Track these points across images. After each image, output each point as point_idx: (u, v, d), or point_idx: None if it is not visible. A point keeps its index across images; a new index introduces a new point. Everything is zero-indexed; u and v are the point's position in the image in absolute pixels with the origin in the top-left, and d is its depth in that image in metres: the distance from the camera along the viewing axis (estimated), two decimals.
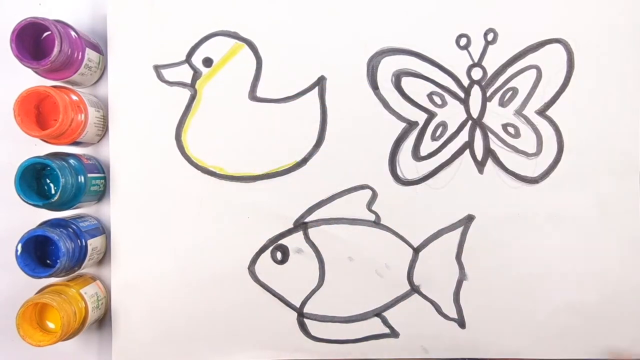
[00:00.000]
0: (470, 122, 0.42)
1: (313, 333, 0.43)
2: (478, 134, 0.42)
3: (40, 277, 0.37)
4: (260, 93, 0.42)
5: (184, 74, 0.42)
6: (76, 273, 0.41)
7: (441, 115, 0.42)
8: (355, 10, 0.42)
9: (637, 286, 0.42)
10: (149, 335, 0.42)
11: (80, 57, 0.39)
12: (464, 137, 0.42)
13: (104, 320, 0.43)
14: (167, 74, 0.42)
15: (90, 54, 0.40)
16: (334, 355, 0.43)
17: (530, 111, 0.42)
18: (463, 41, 0.42)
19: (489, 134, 0.42)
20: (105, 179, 0.42)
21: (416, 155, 0.42)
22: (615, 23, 0.42)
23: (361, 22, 0.42)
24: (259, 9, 0.42)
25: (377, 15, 0.42)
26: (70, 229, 0.39)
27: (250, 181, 0.42)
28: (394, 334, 0.43)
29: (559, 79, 0.42)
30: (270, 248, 0.42)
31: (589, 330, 0.43)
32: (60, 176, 0.37)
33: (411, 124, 0.42)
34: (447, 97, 0.42)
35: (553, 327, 0.43)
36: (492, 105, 0.43)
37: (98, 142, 0.43)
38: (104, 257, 0.43)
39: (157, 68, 0.42)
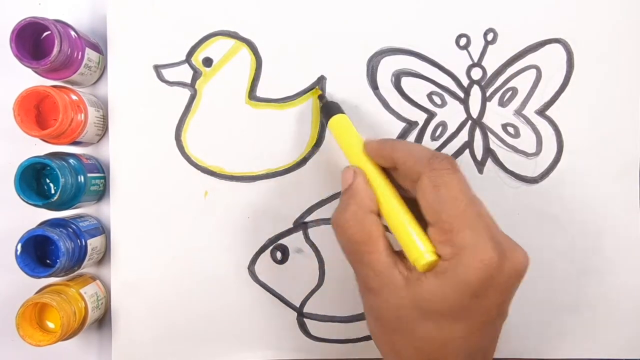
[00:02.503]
0: (470, 122, 0.42)
1: (313, 333, 0.43)
2: (478, 133, 0.42)
3: (39, 277, 0.37)
4: (260, 93, 0.42)
5: (184, 74, 0.42)
6: (76, 273, 0.41)
7: (441, 115, 0.42)
8: (355, 10, 0.42)
9: (637, 286, 0.43)
10: (149, 335, 0.42)
11: (80, 57, 0.39)
12: (463, 137, 0.42)
13: (104, 320, 0.43)
14: (167, 74, 0.42)
15: (90, 53, 0.40)
16: (334, 355, 0.43)
17: (530, 111, 0.42)
18: (463, 41, 0.42)
19: (489, 134, 0.42)
20: (105, 179, 0.42)
21: None
22: (615, 23, 0.42)
23: (361, 22, 0.42)
24: (259, 9, 0.42)
25: (377, 15, 0.42)
26: (70, 229, 0.39)
27: (250, 181, 0.42)
28: None
29: (559, 79, 0.42)
30: (270, 248, 0.42)
31: (589, 330, 0.43)
32: (60, 176, 0.37)
33: (411, 124, 0.42)
34: (447, 97, 0.42)
35: (553, 327, 0.43)
36: (492, 105, 0.43)
37: (98, 142, 0.43)
38: (104, 256, 0.43)
39: (157, 68, 0.42)
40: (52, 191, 0.39)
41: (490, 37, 0.42)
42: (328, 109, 0.39)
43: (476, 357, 0.29)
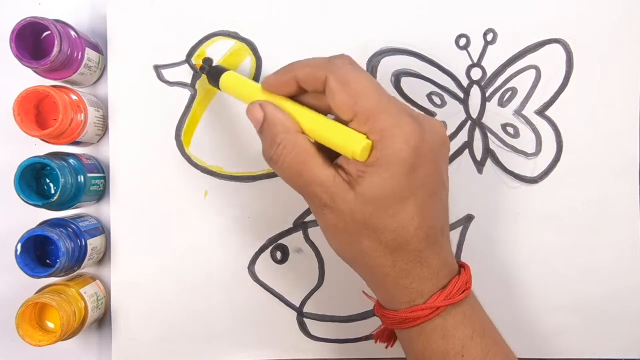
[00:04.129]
0: (469, 122, 0.43)
1: (313, 332, 0.43)
2: (477, 133, 0.43)
3: (39, 277, 0.37)
4: None
5: (184, 74, 0.42)
6: (76, 273, 0.41)
7: (440, 115, 0.42)
8: (355, 10, 0.42)
9: (637, 286, 0.43)
10: (149, 335, 0.42)
11: (79, 56, 0.39)
12: (463, 137, 0.42)
13: (103, 320, 0.43)
14: (167, 74, 0.42)
15: (90, 53, 0.40)
16: (334, 355, 0.43)
17: (529, 111, 0.43)
18: (462, 41, 0.42)
19: (488, 134, 0.43)
20: (105, 179, 0.42)
21: None
22: (614, 23, 0.42)
23: (361, 22, 0.42)
24: (259, 9, 0.42)
25: (377, 15, 0.42)
26: (69, 229, 0.39)
27: (250, 181, 0.42)
28: None
29: (558, 79, 0.42)
30: (270, 248, 0.42)
31: (589, 330, 0.43)
32: (60, 176, 0.37)
33: None
34: (447, 97, 0.42)
35: (553, 327, 0.43)
36: (492, 105, 0.43)
37: (98, 141, 0.43)
38: (104, 256, 0.43)
39: (157, 68, 0.42)
40: (52, 191, 0.39)
41: (489, 37, 0.42)
42: (214, 73, 0.38)
43: (434, 230, 0.30)
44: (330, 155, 0.31)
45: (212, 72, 0.38)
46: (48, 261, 0.39)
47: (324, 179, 0.30)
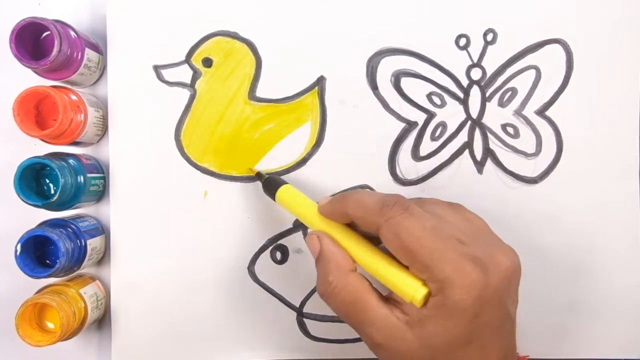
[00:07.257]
0: (469, 122, 0.42)
1: (312, 332, 0.43)
2: (477, 134, 0.43)
3: (39, 277, 0.37)
4: (260, 93, 0.42)
5: (184, 74, 0.42)
6: (75, 273, 0.41)
7: (440, 115, 0.42)
8: (354, 11, 0.42)
9: (636, 286, 0.43)
10: (149, 335, 0.42)
11: (79, 57, 0.39)
12: (463, 137, 0.42)
13: (103, 320, 0.43)
14: (167, 74, 0.42)
15: (89, 53, 0.40)
16: (334, 355, 0.43)
17: (529, 111, 0.43)
18: (462, 41, 0.42)
19: (488, 134, 0.43)
20: (105, 179, 0.42)
21: (416, 155, 0.42)
22: (614, 23, 0.42)
23: (361, 22, 0.42)
24: (259, 9, 0.42)
25: (377, 15, 0.42)
26: (69, 229, 0.39)
27: (250, 181, 0.42)
28: None
29: (558, 79, 0.42)
30: (270, 248, 0.42)
31: (589, 330, 0.43)
32: (60, 176, 0.37)
33: (410, 124, 0.42)
34: (447, 97, 0.42)
35: (553, 327, 0.43)
36: (492, 106, 0.43)
37: (97, 142, 0.43)
38: (104, 257, 0.43)
39: (157, 68, 0.42)
40: (52, 191, 0.39)
41: (489, 37, 0.42)
42: (270, 184, 0.38)
43: None
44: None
45: (268, 184, 0.39)
46: (48, 261, 0.39)
47: (377, 320, 0.29)
